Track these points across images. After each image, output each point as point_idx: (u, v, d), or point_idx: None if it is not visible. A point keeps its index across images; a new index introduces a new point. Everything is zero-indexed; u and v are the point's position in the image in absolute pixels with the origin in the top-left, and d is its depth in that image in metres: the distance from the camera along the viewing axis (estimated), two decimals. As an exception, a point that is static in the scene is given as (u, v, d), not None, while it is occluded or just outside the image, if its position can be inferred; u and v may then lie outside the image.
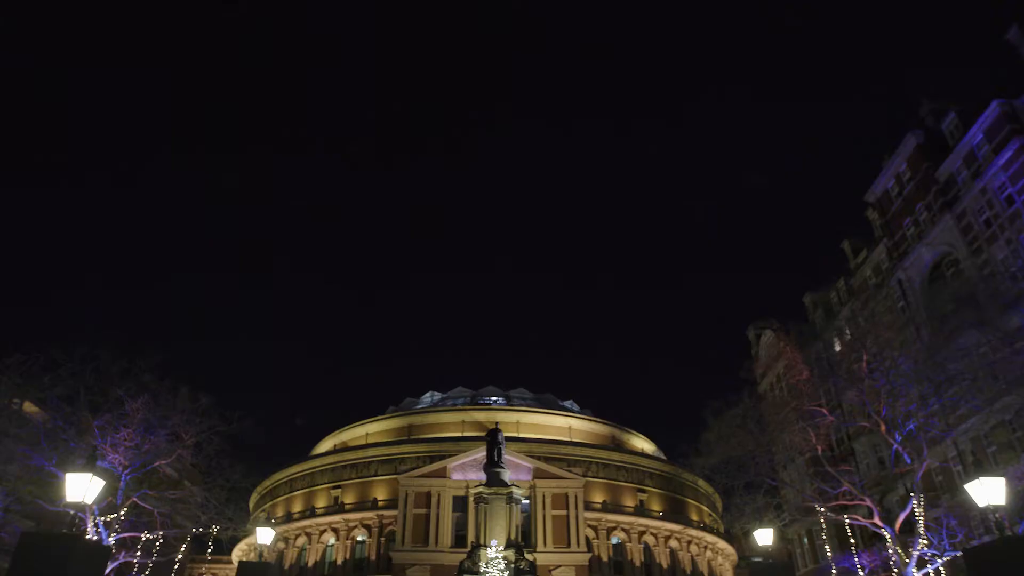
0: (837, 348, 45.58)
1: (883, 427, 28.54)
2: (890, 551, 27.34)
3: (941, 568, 26.66)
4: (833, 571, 34.99)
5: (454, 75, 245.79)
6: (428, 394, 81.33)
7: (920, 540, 25.72)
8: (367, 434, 74.34)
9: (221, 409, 31.82)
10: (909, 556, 25.76)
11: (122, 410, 29.10)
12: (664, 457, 75.12)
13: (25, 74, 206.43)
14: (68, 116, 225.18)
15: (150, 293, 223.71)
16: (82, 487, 13.09)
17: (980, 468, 14.66)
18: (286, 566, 60.88)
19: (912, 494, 26.94)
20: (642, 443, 78.69)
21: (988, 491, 13.72)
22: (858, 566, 32.20)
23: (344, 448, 72.23)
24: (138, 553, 31.03)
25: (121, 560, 30.46)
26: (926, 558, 26.10)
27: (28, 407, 33.02)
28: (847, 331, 44.65)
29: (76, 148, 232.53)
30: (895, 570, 26.70)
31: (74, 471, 13.42)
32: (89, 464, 13.64)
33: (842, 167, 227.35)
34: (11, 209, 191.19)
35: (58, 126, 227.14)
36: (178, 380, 31.31)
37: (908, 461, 28.49)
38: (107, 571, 26.90)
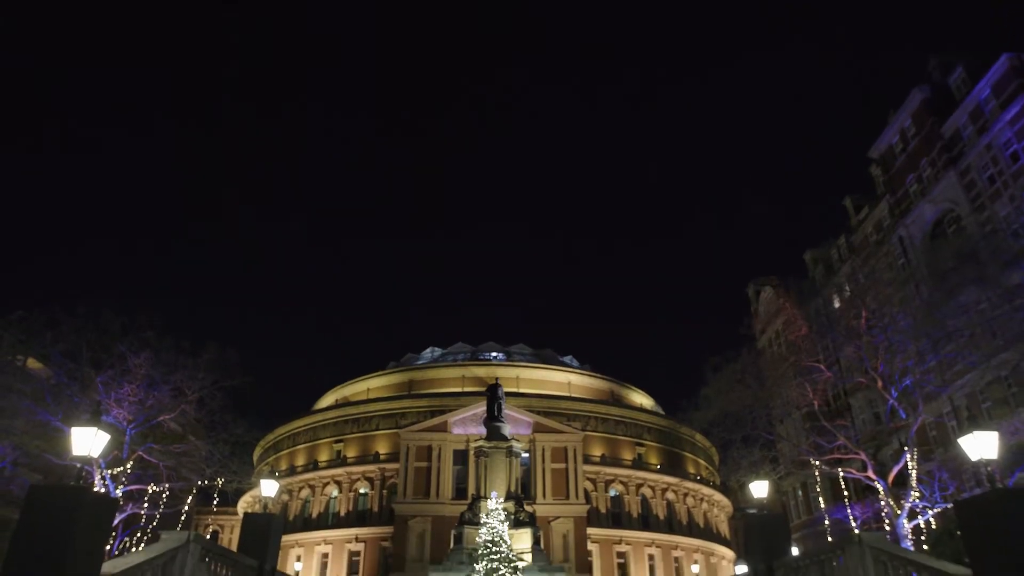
0: (836, 305, 45.69)
1: (880, 383, 28.80)
2: (882, 503, 27.86)
3: (932, 519, 27.21)
4: (826, 522, 35.75)
5: (454, 70, 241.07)
6: (428, 350, 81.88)
7: (912, 492, 26.18)
8: (368, 389, 75.11)
9: (224, 366, 32.02)
10: (901, 508, 26.28)
11: (125, 366, 29.33)
12: (662, 412, 76.04)
13: (25, 74, 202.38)
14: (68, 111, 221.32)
15: (148, 255, 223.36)
16: (87, 441, 13.22)
17: (974, 423, 14.79)
18: (290, 517, 62.16)
19: (906, 448, 27.33)
20: (640, 398, 79.56)
21: (981, 445, 13.89)
22: (850, 517, 32.83)
23: (346, 403, 73.05)
24: (145, 505, 31.64)
25: (129, 512, 31.07)
26: (917, 510, 26.62)
27: (32, 363, 33.26)
28: (847, 288, 44.72)
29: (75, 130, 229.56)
30: (887, 521, 27.25)
31: (79, 425, 13.55)
32: (94, 419, 13.76)
33: (847, 124, 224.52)
34: (11, 172, 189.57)
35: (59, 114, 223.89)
36: (179, 337, 31.50)
37: (903, 416, 28.83)
38: (115, 522, 27.50)
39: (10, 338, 28.26)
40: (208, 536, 59.41)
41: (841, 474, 31.84)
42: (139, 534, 33.88)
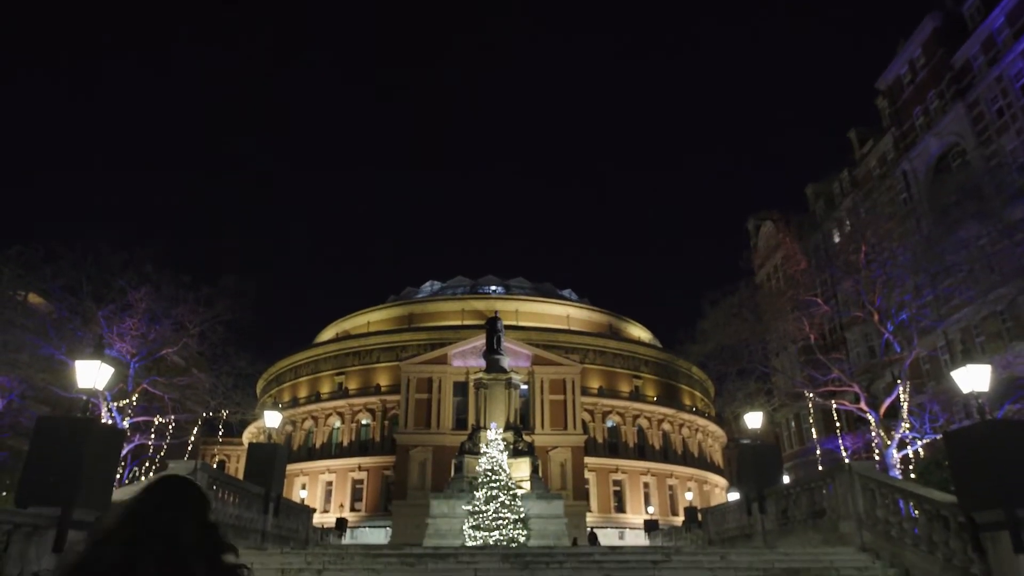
0: (836, 239, 45.62)
1: (876, 317, 29.02)
2: (873, 434, 28.49)
3: (920, 450, 27.88)
4: (817, 452, 36.64)
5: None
6: (428, 283, 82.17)
7: (903, 424, 26.74)
8: (368, 323, 75.76)
9: (225, 297, 32.11)
10: (891, 439, 26.88)
11: (126, 300, 29.41)
12: (659, 345, 76.94)
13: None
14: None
15: (147, 176, 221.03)
16: (92, 374, 13.38)
17: (968, 357, 15.03)
18: (294, 447, 63.65)
19: (899, 381, 27.75)
20: (638, 331, 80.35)
21: (973, 378, 14.09)
22: (841, 448, 33.62)
23: (347, 336, 73.83)
24: (152, 436, 32.31)
25: (136, 442, 31.74)
26: (907, 440, 27.23)
27: (33, 298, 33.35)
28: (847, 222, 44.54)
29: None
30: (876, 452, 27.92)
31: (83, 359, 13.70)
32: (97, 352, 13.91)
33: (854, 56, 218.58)
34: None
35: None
36: (182, 266, 31.49)
37: (898, 350, 29.16)
38: (124, 452, 28.16)
39: (9, 273, 28.22)
40: (215, 465, 61.13)
41: (834, 406, 32.41)
42: (147, 464, 34.72)
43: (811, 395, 33.23)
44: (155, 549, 2.12)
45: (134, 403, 29.87)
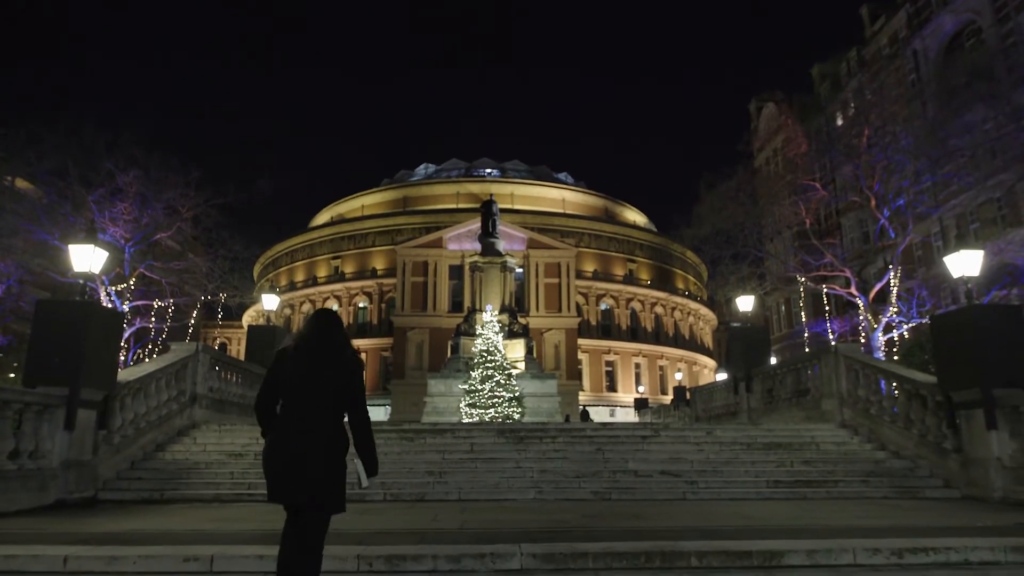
0: (839, 123, 44.59)
1: (873, 202, 28.88)
2: (861, 318, 29.09)
3: (905, 333, 28.58)
4: (805, 335, 37.54)
5: None
6: (422, 166, 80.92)
7: (891, 308, 27.25)
8: (363, 206, 75.25)
9: (217, 181, 31.60)
10: (878, 322, 27.47)
11: (115, 184, 28.88)
12: (655, 229, 77.05)
13: None
14: None
15: (146, 62, 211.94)
16: (87, 257, 13.33)
17: (962, 243, 15.16)
18: (293, 330, 64.82)
19: (891, 267, 28.01)
20: (634, 215, 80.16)
21: (965, 263, 14.22)
22: (829, 331, 34.40)
23: (341, 220, 73.54)
24: (152, 319, 32.73)
25: (138, 325, 32.20)
26: (893, 324, 27.86)
27: (21, 183, 32.70)
28: (852, 105, 43.35)
29: None
30: (863, 335, 28.60)
31: (75, 243, 13.62)
32: (90, 236, 13.81)
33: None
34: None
35: None
36: (174, 149, 30.72)
37: (892, 235, 29.22)
38: (126, 335, 28.66)
39: (-9, 157, 27.45)
40: (216, 348, 62.51)
41: (824, 290, 32.83)
42: (150, 346, 35.37)
43: (803, 279, 33.58)
44: (321, 341, 4.19)
45: (132, 287, 30.03)
